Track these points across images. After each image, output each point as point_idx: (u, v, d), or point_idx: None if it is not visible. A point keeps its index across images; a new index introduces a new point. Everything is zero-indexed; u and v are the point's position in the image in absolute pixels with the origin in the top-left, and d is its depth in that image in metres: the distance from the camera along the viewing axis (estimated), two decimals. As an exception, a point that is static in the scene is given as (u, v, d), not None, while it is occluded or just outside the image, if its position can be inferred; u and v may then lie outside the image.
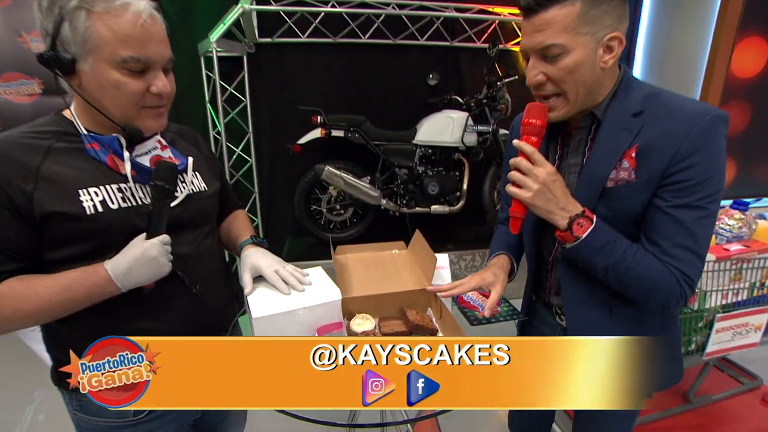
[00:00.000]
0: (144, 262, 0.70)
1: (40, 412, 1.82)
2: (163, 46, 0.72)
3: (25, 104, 3.18)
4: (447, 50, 2.86)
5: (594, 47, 0.68)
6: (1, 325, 0.67)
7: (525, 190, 0.70)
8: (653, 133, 0.68)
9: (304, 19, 2.57)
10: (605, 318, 0.79)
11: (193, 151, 0.89)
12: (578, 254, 0.72)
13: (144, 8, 0.68)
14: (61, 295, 0.68)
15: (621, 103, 0.72)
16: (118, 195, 0.73)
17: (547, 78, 0.70)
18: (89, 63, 0.67)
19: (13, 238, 0.67)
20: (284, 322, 0.78)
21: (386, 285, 0.91)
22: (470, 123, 2.65)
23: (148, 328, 0.77)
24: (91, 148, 0.72)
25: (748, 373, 1.79)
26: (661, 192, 0.69)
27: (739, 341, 1.45)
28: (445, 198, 2.79)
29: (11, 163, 0.66)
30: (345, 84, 2.79)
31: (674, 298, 0.70)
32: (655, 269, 0.69)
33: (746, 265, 1.36)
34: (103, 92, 0.69)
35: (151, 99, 0.73)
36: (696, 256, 0.69)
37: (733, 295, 1.39)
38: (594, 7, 0.66)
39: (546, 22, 0.66)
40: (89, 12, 0.65)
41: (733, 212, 1.42)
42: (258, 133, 2.76)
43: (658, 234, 0.70)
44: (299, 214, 2.70)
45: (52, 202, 0.67)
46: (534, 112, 0.71)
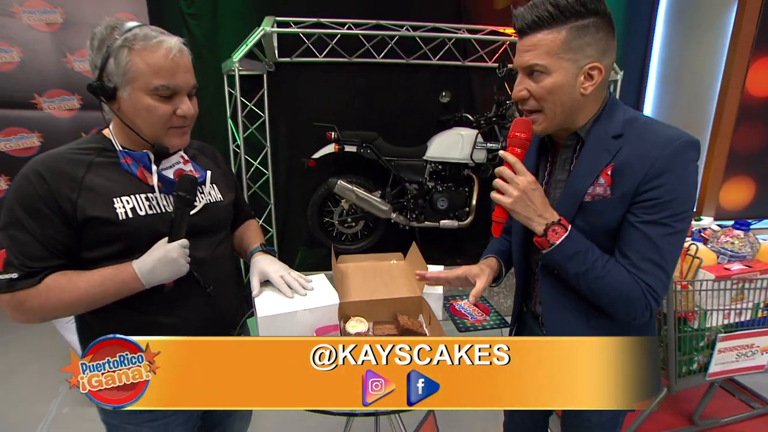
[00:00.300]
0: (166, 262, 0.80)
1: (64, 405, 1.93)
2: (189, 76, 0.83)
3: (65, 118, 3.43)
4: (458, 69, 2.95)
5: (575, 73, 0.73)
6: (47, 313, 0.78)
7: (506, 196, 0.76)
8: (629, 154, 0.73)
9: (322, 40, 2.70)
10: (583, 327, 0.83)
11: (211, 165, 1.00)
12: (552, 259, 0.77)
13: (174, 44, 0.80)
14: (96, 288, 0.78)
15: (603, 126, 0.78)
16: (145, 203, 0.83)
17: (529, 94, 0.76)
18: (128, 91, 0.79)
19: (59, 239, 0.77)
20: (286, 322, 0.85)
21: (381, 292, 0.98)
22: (480, 140, 2.71)
23: (166, 323, 0.86)
24: (125, 162, 0.83)
25: (760, 398, 1.75)
26: (633, 208, 0.74)
27: (745, 363, 1.43)
28: (454, 213, 2.83)
29: (61, 176, 0.77)
30: (359, 101, 2.90)
31: (640, 309, 0.74)
32: (624, 280, 0.74)
33: (748, 285, 1.35)
34: (137, 114, 0.81)
35: (177, 120, 0.84)
36: (661, 270, 0.73)
37: (735, 315, 1.38)
38: (578, 38, 0.72)
39: (533, 44, 0.73)
40: (130, 49, 0.77)
41: (735, 232, 1.42)
42: (275, 147, 2.88)
43: (629, 247, 0.74)
44: (312, 225, 2.79)
45: (92, 208, 0.78)
46: (520, 126, 0.77)
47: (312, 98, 2.86)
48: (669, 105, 3.22)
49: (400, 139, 2.79)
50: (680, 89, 3.11)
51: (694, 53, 2.97)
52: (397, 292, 0.98)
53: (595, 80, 0.75)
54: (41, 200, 0.75)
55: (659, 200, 0.71)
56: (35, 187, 0.75)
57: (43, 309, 0.77)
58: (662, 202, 0.71)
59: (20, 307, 0.76)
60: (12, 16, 3.16)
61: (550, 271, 0.84)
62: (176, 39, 0.82)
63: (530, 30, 0.73)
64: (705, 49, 2.88)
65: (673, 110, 3.19)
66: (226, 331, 0.97)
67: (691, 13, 2.99)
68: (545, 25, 0.71)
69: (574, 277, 0.76)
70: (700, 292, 1.34)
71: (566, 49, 0.72)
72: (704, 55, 2.89)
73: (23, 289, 0.75)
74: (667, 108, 3.25)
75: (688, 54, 3.02)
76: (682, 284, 1.34)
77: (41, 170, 0.76)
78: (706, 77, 2.88)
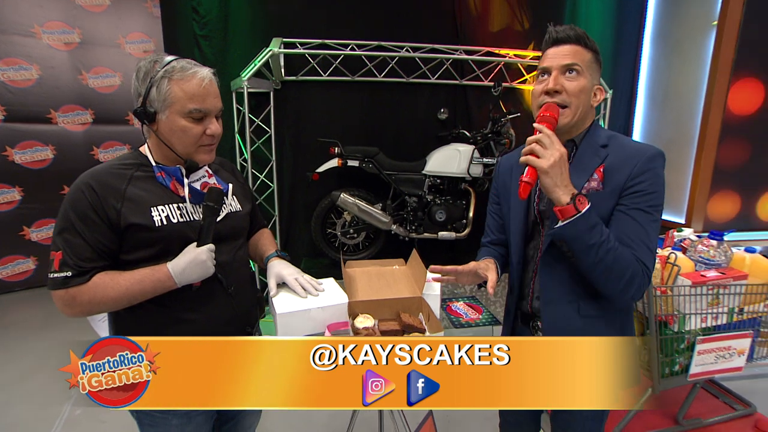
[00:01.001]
0: (195, 264, 0.91)
1: (77, 408, 2.00)
2: (217, 101, 0.96)
3: (78, 132, 3.57)
4: (456, 88, 3.10)
5: (591, 87, 0.93)
6: (93, 307, 0.89)
7: (544, 159, 0.83)
8: (615, 159, 0.91)
9: (326, 60, 2.85)
10: (574, 315, 0.94)
11: (231, 178, 1.12)
12: (574, 229, 0.83)
13: (206, 75, 0.93)
14: (135, 286, 0.89)
15: (592, 137, 0.96)
16: (177, 212, 0.95)
17: (563, 89, 0.91)
18: (166, 114, 0.92)
19: (105, 242, 0.89)
20: (301, 319, 0.96)
21: (385, 292, 1.09)
22: (476, 155, 2.84)
23: (192, 319, 0.97)
24: (160, 175, 0.95)
25: (741, 400, 1.84)
26: (623, 200, 0.89)
27: (723, 364, 1.53)
28: (452, 225, 2.95)
29: (107, 187, 0.89)
30: (361, 118, 3.04)
31: (638, 282, 0.86)
32: (627, 255, 0.85)
33: (723, 291, 1.46)
34: (173, 134, 0.93)
35: (206, 139, 0.97)
36: (648, 249, 0.87)
37: (712, 319, 1.49)
38: (595, 62, 0.94)
39: (573, 51, 0.91)
40: (170, 79, 0.90)
41: (710, 242, 1.54)
42: (280, 161, 3.01)
43: (621, 231, 0.87)
44: (315, 236, 2.90)
45: (133, 216, 0.89)
46: (551, 109, 0.90)
47: (316, 115, 2.99)
48: (657, 122, 3.38)
49: (400, 154, 2.92)
50: (667, 108, 3.27)
51: (678, 74, 3.14)
52: (400, 293, 1.09)
53: (598, 98, 0.95)
54: (91, 208, 0.87)
55: (644, 192, 0.87)
56: (87, 197, 0.87)
57: (91, 303, 0.88)
58: (646, 193, 0.87)
59: (72, 302, 0.87)
60: (32, 36, 3.33)
61: (550, 261, 0.95)
62: (207, 70, 0.95)
63: (571, 40, 0.91)
64: (688, 71, 3.05)
65: (661, 127, 3.35)
66: (243, 329, 1.08)
67: (674, 37, 3.17)
68: (580, 42, 0.91)
69: (591, 248, 0.83)
70: (678, 297, 1.45)
71: (589, 66, 0.92)
72: (688, 75, 3.05)
73: (75, 286, 0.86)
74: (655, 125, 3.41)
75: (673, 75, 3.19)
76: (661, 290, 1.45)
77: (91, 182, 0.89)
78: (690, 96, 3.04)
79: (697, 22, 2.97)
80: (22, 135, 3.37)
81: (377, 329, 0.94)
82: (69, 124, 3.53)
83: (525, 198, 0.86)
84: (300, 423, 1.91)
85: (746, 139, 3.00)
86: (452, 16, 3.01)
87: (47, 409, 2.01)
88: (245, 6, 2.80)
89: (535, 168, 0.84)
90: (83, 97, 3.57)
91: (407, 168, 2.88)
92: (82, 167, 0.92)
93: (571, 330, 0.94)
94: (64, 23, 3.44)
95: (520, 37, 3.14)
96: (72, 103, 3.54)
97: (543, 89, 0.92)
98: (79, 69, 3.55)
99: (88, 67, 3.58)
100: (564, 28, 0.92)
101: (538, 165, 0.84)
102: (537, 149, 0.85)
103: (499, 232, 1.13)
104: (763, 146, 3.02)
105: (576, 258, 0.87)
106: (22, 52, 3.29)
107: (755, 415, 1.78)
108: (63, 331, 2.82)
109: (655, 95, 3.37)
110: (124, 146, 3.77)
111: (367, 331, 0.93)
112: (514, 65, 3.10)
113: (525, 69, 3.13)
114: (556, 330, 0.96)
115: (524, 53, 3.07)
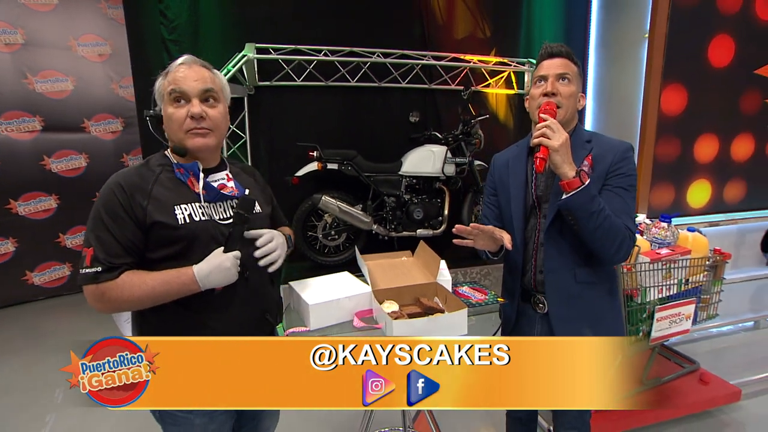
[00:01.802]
0: (219, 270, 0.94)
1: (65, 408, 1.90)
2: (198, 83, 0.96)
3: (25, 141, 3.32)
4: (426, 92, 3.26)
5: (577, 93, 1.14)
6: (121, 304, 0.91)
7: (554, 140, 0.99)
8: (599, 151, 1.13)
9: (300, 65, 2.89)
10: (572, 281, 1.12)
11: (251, 182, 1.16)
12: (580, 198, 1.00)
13: (186, 60, 0.99)
14: (161, 286, 0.92)
15: (578, 135, 1.16)
16: (198, 210, 0.98)
17: (558, 92, 1.10)
18: (162, 108, 0.97)
19: (133, 239, 0.92)
20: (332, 308, 1.04)
21: (403, 280, 1.19)
22: (449, 156, 3.01)
23: (216, 320, 1.00)
24: (179, 172, 0.99)
25: (688, 359, 2.14)
26: (608, 181, 1.10)
27: (675, 328, 1.79)
28: (429, 222, 3.10)
29: (135, 187, 0.93)
30: (335, 122, 3.10)
31: (627, 243, 1.05)
32: (618, 222, 1.04)
33: (673, 265, 1.72)
34: (167, 126, 0.98)
35: (190, 123, 0.96)
36: (631, 219, 1.07)
37: (666, 290, 1.74)
38: (579, 74, 1.15)
39: (564, 63, 1.12)
40: (165, 77, 0.97)
41: (661, 224, 1.79)
42: (256, 165, 2.99)
43: (609, 204, 1.05)
44: (297, 240, 2.92)
45: (158, 214, 0.93)
46: (550, 104, 1.08)
47: (291, 119, 3.02)
48: (603, 121, 3.76)
49: (377, 156, 3.02)
50: (611, 109, 3.66)
51: (619, 78, 3.53)
52: (416, 279, 1.19)
53: (581, 103, 1.15)
54: (121, 207, 0.90)
55: (624, 174, 1.09)
56: (117, 197, 0.91)
57: (119, 300, 0.90)
58: (626, 175, 1.09)
59: (102, 297, 0.89)
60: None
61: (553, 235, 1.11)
62: (189, 56, 1.00)
63: (561, 55, 1.12)
64: (627, 75, 3.44)
65: (607, 126, 3.73)
66: (265, 329, 1.10)
67: (614, 46, 3.56)
68: (569, 57, 1.13)
69: (593, 215, 1.00)
70: (639, 273, 1.68)
71: (575, 76, 1.13)
72: (627, 79, 3.44)
73: (106, 281, 0.89)
74: (602, 123, 3.79)
75: (614, 78, 3.58)
76: (627, 267, 1.67)
77: (121, 182, 0.92)
78: (630, 98, 3.43)
79: (631, 33, 3.36)
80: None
81: (403, 313, 1.04)
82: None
83: (541, 171, 1.05)
84: (318, 424, 1.93)
85: (675, 135, 3.43)
86: (420, 24, 3.17)
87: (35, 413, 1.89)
88: (216, 11, 2.78)
89: (547, 147, 1.00)
90: (29, 102, 3.32)
91: (385, 169, 2.99)
92: (31, 179, 0.96)
93: (569, 296, 1.12)
94: (5, 23, 3.19)
95: (483, 43, 3.37)
96: (16, 109, 3.28)
97: (541, 92, 1.10)
98: (24, 72, 3.30)
99: (34, 71, 3.34)
100: (557, 45, 1.14)
101: (550, 144, 1.00)
102: (548, 132, 1.01)
103: (496, 219, 1.27)
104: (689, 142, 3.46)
105: (579, 225, 1.04)
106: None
107: (699, 370, 2.08)
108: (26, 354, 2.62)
109: (601, 97, 3.75)
110: (80, 155, 3.55)
111: (395, 314, 1.02)
112: (479, 70, 3.32)
113: (488, 74, 3.36)
114: (557, 296, 1.12)
115: (487, 59, 3.30)
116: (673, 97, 3.30)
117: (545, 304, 1.14)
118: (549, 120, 1.03)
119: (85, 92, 3.53)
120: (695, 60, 3.19)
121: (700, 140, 3.44)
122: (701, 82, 3.24)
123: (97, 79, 3.59)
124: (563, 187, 1.02)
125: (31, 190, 3.31)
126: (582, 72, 1.16)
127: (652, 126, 3.31)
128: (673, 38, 3.15)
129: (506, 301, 1.24)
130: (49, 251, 3.51)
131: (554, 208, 1.09)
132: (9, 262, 3.36)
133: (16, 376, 2.33)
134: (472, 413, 2.02)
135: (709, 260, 1.84)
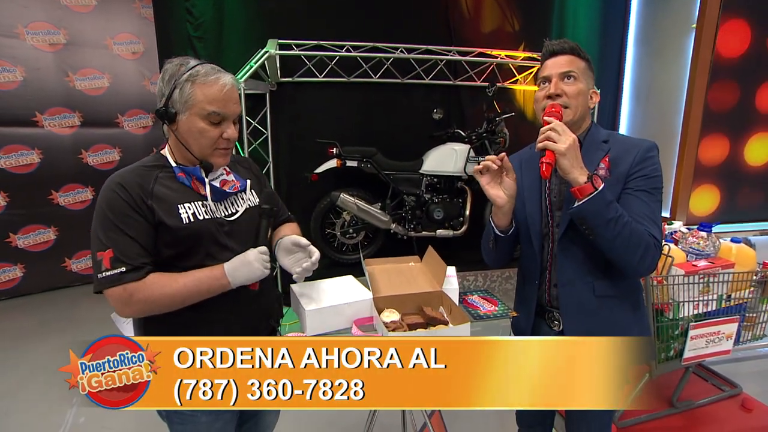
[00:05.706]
0: (242, 264, 0.95)
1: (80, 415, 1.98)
2: (236, 107, 0.98)
3: (66, 135, 3.49)
4: (450, 88, 3.16)
5: (587, 90, 1.04)
6: (150, 305, 0.90)
7: (561, 143, 0.91)
8: (617, 151, 1.02)
9: (322, 62, 2.87)
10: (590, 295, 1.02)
11: (248, 174, 1.14)
12: (594, 205, 0.91)
13: (228, 81, 0.96)
14: (193, 284, 0.91)
15: (593, 135, 1.07)
16: (202, 209, 0.97)
17: (563, 92, 1.01)
18: (186, 115, 0.94)
19: (147, 238, 0.91)
20: (329, 315, 0.99)
21: (406, 288, 1.13)
22: (472, 154, 2.91)
23: (220, 318, 0.98)
24: (181, 176, 0.97)
25: (729, 382, 1.96)
26: (629, 184, 0.99)
27: (713, 348, 1.63)
28: (450, 223, 3.01)
29: (138, 187, 0.91)
30: (357, 118, 3.07)
31: (651, 252, 0.94)
32: (640, 228, 0.94)
33: (713, 279, 1.56)
34: (190, 135, 0.95)
35: (222, 143, 0.98)
36: (656, 226, 0.96)
37: (703, 306, 1.58)
38: (588, 69, 1.05)
39: (569, 60, 1.02)
40: (193, 83, 0.92)
41: (700, 233, 1.63)
42: (277, 162, 3.01)
43: (630, 210, 0.95)
44: (315, 237, 2.91)
45: (162, 213, 0.91)
46: (555, 106, 1.00)
47: (312, 116, 3.01)
48: (642, 120, 3.52)
49: (397, 154, 2.97)
50: (650, 106, 3.41)
51: (660, 73, 3.28)
52: (420, 287, 1.13)
53: (594, 101, 1.05)
54: (128, 206, 0.89)
55: (646, 176, 0.98)
56: (121, 196, 0.89)
57: (148, 301, 0.88)
58: (648, 177, 0.98)
59: (129, 300, 0.87)
60: (16, 37, 3.24)
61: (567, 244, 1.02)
62: (230, 76, 0.98)
63: (563, 52, 1.03)
64: (669, 70, 3.19)
65: (646, 124, 3.49)
66: (269, 326, 1.10)
67: (656, 39, 3.31)
68: (574, 52, 1.03)
69: (610, 222, 0.91)
70: (672, 286, 1.53)
71: (583, 73, 1.04)
72: (669, 75, 3.19)
73: (132, 282, 0.87)
74: (640, 122, 3.54)
75: (655, 74, 3.33)
76: (657, 279, 1.53)
77: (122, 182, 0.91)
78: (672, 95, 3.18)
79: (676, 24, 3.11)
80: (7, 139, 3.28)
81: (403, 323, 0.99)
82: (56, 128, 3.45)
83: (547, 177, 0.95)
84: (319, 423, 1.92)
85: (724, 133, 3.15)
86: (445, 17, 3.07)
87: (50, 417, 1.99)
88: (240, 8, 2.80)
89: (553, 151, 0.92)
90: (70, 99, 3.50)
91: (405, 167, 2.93)
92: (70, 172, 0.94)
93: (588, 311, 1.02)
94: (49, 24, 3.36)
95: (511, 37, 3.22)
96: (59, 106, 3.46)
97: (545, 94, 1.02)
98: (66, 71, 3.47)
99: (75, 69, 3.50)
100: (558, 42, 1.04)
101: (556, 148, 0.92)
102: (553, 135, 0.93)
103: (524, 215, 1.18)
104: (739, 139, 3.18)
105: (596, 235, 0.94)
106: (6, 53, 3.20)
107: (742, 395, 1.89)
108: (56, 338, 2.77)
109: (639, 94, 3.51)
110: (114, 149, 3.70)
111: (394, 324, 0.97)
112: (506, 65, 3.18)
113: (516, 69, 3.21)
114: (573, 312, 1.03)
115: (515, 54, 3.16)
116: (724, 93, 3.03)
117: (560, 321, 1.05)
118: (554, 122, 0.94)
119: (119, 89, 3.67)
120: (748, 52, 2.92)
121: (752, 140, 3.15)
122: (754, 76, 2.97)
123: (131, 76, 3.73)
124: (574, 194, 0.93)
125: (70, 182, 3.47)
126: (591, 67, 1.05)
127: (696, 124, 3.06)
128: (725, 28, 2.89)
129: (519, 314, 1.15)
130: (86, 240, 3.64)
131: (567, 217, 1.00)
132: (50, 250, 3.55)
133: (56, 354, 2.47)
134: (482, 427, 1.94)
135: (757, 275, 1.66)
